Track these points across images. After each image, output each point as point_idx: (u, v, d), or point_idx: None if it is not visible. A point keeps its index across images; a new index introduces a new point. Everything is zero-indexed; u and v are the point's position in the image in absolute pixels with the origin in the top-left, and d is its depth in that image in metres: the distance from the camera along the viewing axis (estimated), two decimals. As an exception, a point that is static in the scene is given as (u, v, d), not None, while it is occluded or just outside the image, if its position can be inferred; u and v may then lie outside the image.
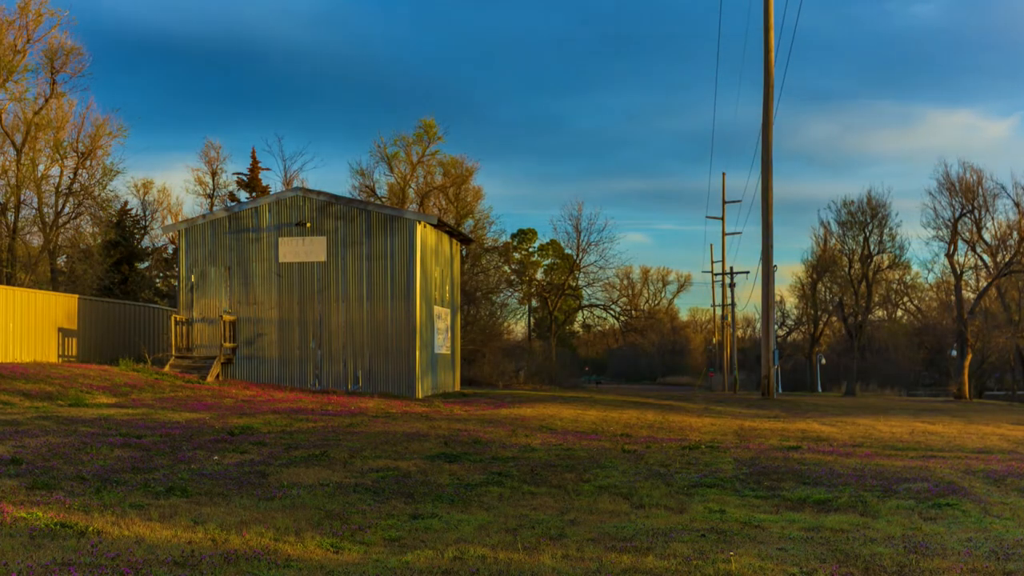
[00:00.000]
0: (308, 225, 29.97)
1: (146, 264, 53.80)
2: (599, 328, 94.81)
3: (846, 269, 66.87)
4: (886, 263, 66.34)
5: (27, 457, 11.78)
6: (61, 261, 45.91)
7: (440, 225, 32.68)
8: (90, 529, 7.86)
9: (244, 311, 30.22)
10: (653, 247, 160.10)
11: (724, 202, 72.48)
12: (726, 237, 72.98)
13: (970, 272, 60.00)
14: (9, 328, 27.62)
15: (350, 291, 29.77)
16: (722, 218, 72.89)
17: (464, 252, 51.38)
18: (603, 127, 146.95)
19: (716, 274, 77.26)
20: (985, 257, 58.00)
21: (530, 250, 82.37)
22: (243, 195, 52.83)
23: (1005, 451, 15.72)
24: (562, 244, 78.14)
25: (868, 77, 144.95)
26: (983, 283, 59.31)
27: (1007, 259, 55.79)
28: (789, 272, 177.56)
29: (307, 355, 29.93)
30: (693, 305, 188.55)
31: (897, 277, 68.42)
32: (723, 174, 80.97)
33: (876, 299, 67.45)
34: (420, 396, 29.30)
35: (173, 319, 30.38)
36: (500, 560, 7.26)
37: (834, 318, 71.93)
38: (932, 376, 71.86)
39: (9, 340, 27.60)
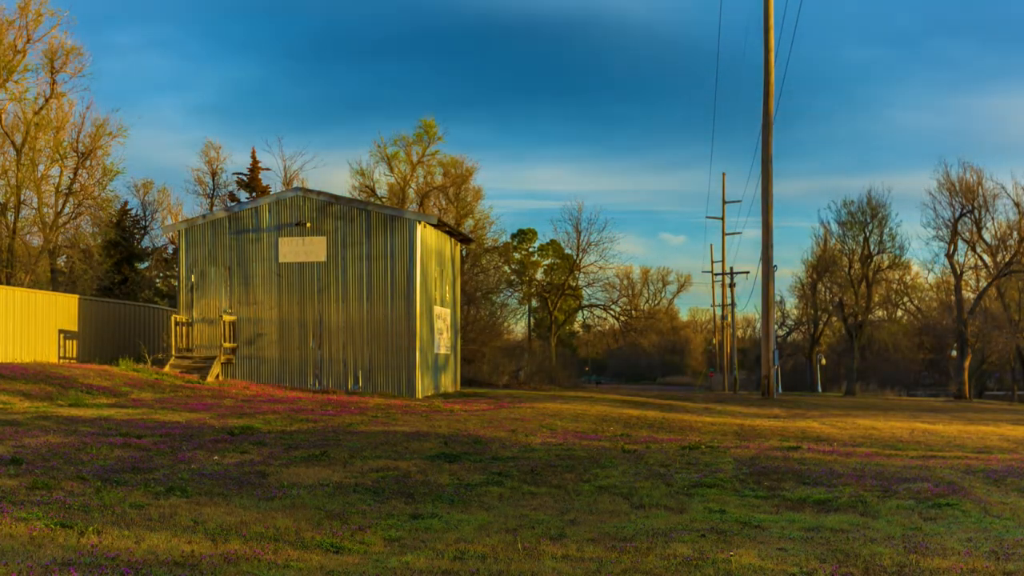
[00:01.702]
0: (308, 225, 29.97)
1: (146, 264, 53.78)
2: (599, 328, 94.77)
3: (846, 269, 66.83)
4: (886, 263, 66.30)
5: (27, 457, 11.77)
6: (61, 261, 45.89)
7: (440, 225, 32.69)
8: (90, 529, 7.86)
9: (244, 311, 30.21)
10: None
11: (724, 202, 72.60)
12: (726, 237, 73.12)
13: (970, 272, 60.02)
14: (9, 328, 27.61)
15: (350, 291, 29.77)
16: (722, 218, 72.97)
17: (464, 252, 51.37)
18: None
19: (716, 274, 77.35)
20: (985, 257, 58.00)
21: (530, 250, 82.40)
22: (243, 195, 52.82)
23: (1005, 451, 15.72)
24: (562, 244, 78.24)
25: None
26: (983, 283, 59.30)
27: (1007, 259, 55.76)
28: (789, 272, 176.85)
29: (307, 355, 29.93)
30: (693, 305, 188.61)
31: (897, 277, 68.38)
32: (723, 174, 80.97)
33: (876, 299, 67.34)
34: (420, 396, 29.30)
35: (173, 319, 30.38)
36: (500, 560, 7.26)
37: (834, 318, 71.82)
38: (932, 376, 71.86)
39: (9, 340, 27.59)
